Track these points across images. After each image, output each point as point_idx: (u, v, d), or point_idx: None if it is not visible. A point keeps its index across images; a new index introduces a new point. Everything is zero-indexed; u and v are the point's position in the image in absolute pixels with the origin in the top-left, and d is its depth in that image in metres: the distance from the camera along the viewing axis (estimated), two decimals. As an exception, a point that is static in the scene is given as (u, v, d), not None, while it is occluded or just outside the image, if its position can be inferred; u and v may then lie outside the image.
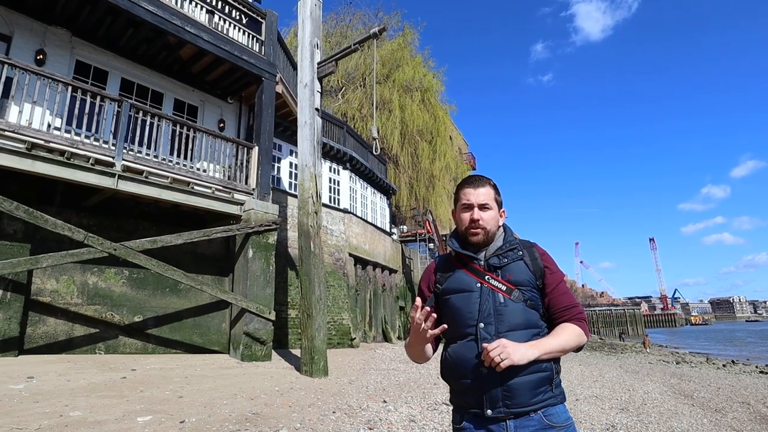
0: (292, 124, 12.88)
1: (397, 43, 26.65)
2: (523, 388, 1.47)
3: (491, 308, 1.54)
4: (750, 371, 15.70)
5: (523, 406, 1.47)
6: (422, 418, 5.59)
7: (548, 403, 1.50)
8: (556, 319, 1.58)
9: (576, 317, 1.56)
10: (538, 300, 1.58)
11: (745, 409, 7.91)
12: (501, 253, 1.62)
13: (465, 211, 1.65)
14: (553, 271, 1.62)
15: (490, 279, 1.58)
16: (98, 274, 8.28)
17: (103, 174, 7.36)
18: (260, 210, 9.54)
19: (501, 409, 1.48)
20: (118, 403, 5.05)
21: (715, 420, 6.84)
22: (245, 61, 9.90)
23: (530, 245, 1.67)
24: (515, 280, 1.57)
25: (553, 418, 1.50)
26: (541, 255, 1.64)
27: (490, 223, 1.63)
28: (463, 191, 1.67)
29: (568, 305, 1.58)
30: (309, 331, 8.18)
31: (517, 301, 1.54)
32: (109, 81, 9.07)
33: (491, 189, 1.67)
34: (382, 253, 18.98)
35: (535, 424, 1.48)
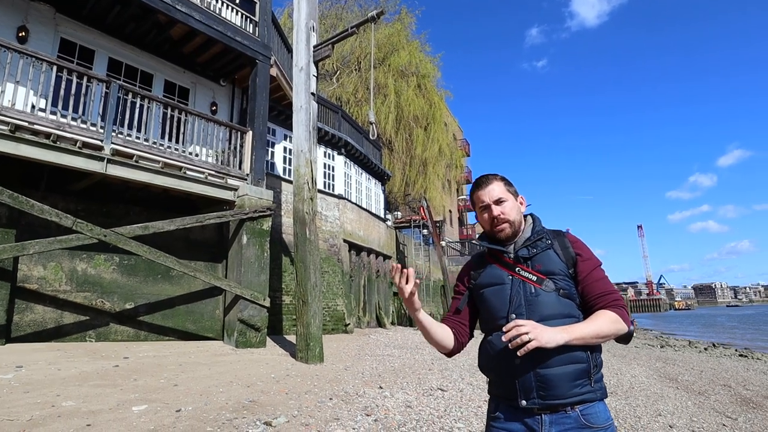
0: (286, 108, 12.65)
1: (394, 28, 26.25)
2: (558, 380, 1.43)
3: (522, 299, 1.53)
4: (730, 354, 16.02)
5: (558, 398, 1.43)
6: (418, 403, 5.57)
7: (586, 397, 1.44)
8: (592, 307, 1.53)
9: (612, 304, 1.50)
10: (572, 289, 1.54)
11: (726, 391, 8.05)
12: (529, 244, 1.61)
13: (484, 212, 1.66)
14: (586, 258, 1.58)
15: (520, 270, 1.57)
16: (87, 260, 8.10)
17: (91, 158, 7.14)
18: (254, 196, 9.38)
19: (535, 400, 1.44)
20: (112, 392, 4.95)
21: (698, 402, 6.95)
22: (239, 43, 9.64)
23: (560, 233, 1.65)
24: (546, 269, 1.55)
25: (592, 418, 1.43)
26: (572, 243, 1.61)
27: (512, 214, 1.63)
28: (476, 195, 1.69)
29: (603, 292, 1.53)
30: (304, 317, 8.10)
31: (548, 291, 1.52)
32: (95, 60, 8.76)
33: (500, 182, 1.67)
34: (377, 239, 18.91)
35: (572, 422, 1.43)
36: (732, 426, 5.59)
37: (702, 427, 5.44)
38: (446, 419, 4.93)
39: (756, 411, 6.49)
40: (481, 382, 7.28)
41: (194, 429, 3.94)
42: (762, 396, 7.66)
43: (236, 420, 4.27)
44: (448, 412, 5.23)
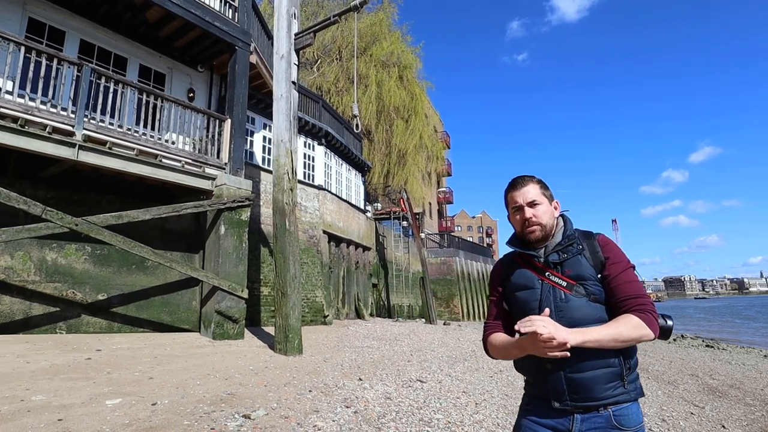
0: (266, 97, 12.42)
1: (376, 17, 26.00)
2: (589, 383, 1.44)
3: (552, 305, 1.53)
4: (697, 345, 16.64)
5: (589, 400, 1.45)
6: (398, 395, 5.59)
7: (619, 399, 1.46)
8: (618, 310, 1.50)
9: (637, 308, 1.47)
10: (602, 294, 1.53)
11: (694, 380, 8.38)
12: (560, 249, 1.60)
13: (516, 213, 1.66)
14: (615, 261, 1.56)
15: (550, 275, 1.57)
16: (57, 250, 7.84)
17: (61, 143, 6.88)
18: (233, 185, 9.21)
19: (567, 403, 1.47)
20: (84, 385, 4.81)
21: (668, 392, 7.22)
22: (217, 28, 9.39)
23: (591, 237, 1.63)
24: (576, 275, 1.54)
25: (623, 420, 1.45)
26: (602, 246, 1.59)
27: (544, 218, 1.62)
28: (510, 195, 1.68)
29: (628, 295, 1.50)
30: (283, 309, 8.02)
31: (579, 297, 1.52)
32: (66, 42, 8.40)
33: (536, 185, 1.66)
34: (356, 231, 18.85)
35: (603, 422, 1.45)
36: (699, 414, 5.79)
37: (671, 416, 5.62)
38: (425, 410, 4.96)
39: (722, 399, 6.76)
40: (460, 373, 7.35)
41: (171, 423, 3.86)
42: (727, 385, 7.96)
43: (214, 413, 4.20)
44: (427, 404, 5.26)
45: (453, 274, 28.46)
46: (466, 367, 7.99)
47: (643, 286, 1.57)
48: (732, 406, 6.41)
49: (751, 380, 8.64)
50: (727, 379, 8.62)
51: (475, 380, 6.93)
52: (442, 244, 31.24)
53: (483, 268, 34.25)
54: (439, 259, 28.64)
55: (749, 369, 10.14)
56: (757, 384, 8.24)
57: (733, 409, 6.22)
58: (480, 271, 33.37)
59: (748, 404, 6.53)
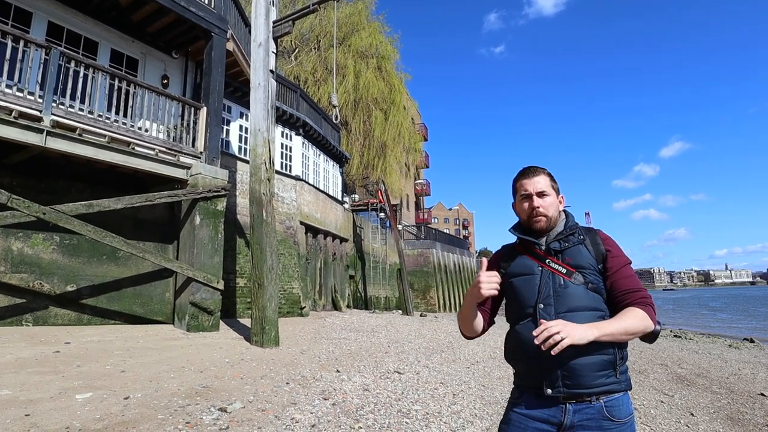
0: (242, 85, 12.18)
1: (355, 7, 25.73)
2: (584, 369, 1.46)
3: (551, 290, 1.56)
4: (665, 335, 17.16)
5: (583, 387, 1.47)
6: (376, 386, 5.62)
7: (611, 388, 1.49)
8: (619, 303, 1.55)
9: (640, 301, 1.53)
10: (600, 284, 1.58)
11: (663, 370, 8.65)
12: (561, 238, 1.65)
13: (524, 201, 1.69)
14: (616, 255, 1.62)
15: (550, 262, 1.61)
16: (24, 239, 7.56)
17: (28, 129, 6.61)
18: (208, 175, 9.03)
19: (560, 389, 1.48)
20: (53, 379, 4.68)
21: (639, 381, 7.43)
22: (193, 13, 9.13)
23: (592, 231, 1.69)
24: (576, 263, 1.59)
25: (615, 411, 1.48)
26: (603, 240, 1.65)
27: (550, 210, 1.66)
28: (520, 182, 1.71)
29: (631, 288, 1.56)
30: (260, 300, 7.95)
31: (577, 284, 1.56)
32: (33, 23, 8.03)
33: (546, 177, 1.70)
34: (334, 222, 18.77)
35: (595, 413, 1.47)
36: (669, 402, 5.99)
37: (642, 405, 5.79)
38: (404, 402, 4.99)
39: (690, 388, 7.00)
40: (437, 364, 7.41)
41: (144, 417, 3.79)
42: (695, 374, 8.26)
43: (189, 407, 4.15)
44: (405, 395, 5.30)
45: (430, 266, 28.67)
46: (443, 358, 8.07)
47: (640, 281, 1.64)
48: (700, 394, 6.63)
49: (717, 369, 8.96)
50: (694, 368, 8.93)
51: (452, 371, 7.01)
52: (419, 235, 31.39)
53: (459, 260, 34.60)
54: (416, 251, 28.79)
55: (715, 358, 10.51)
56: (722, 372, 8.55)
57: (701, 397, 6.44)
58: (456, 263, 33.70)
59: (714, 392, 6.78)
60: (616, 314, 1.53)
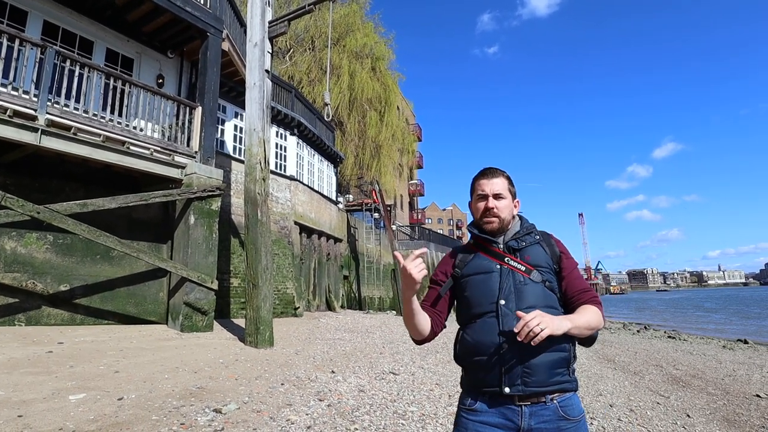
0: (237, 85, 12.16)
1: (350, 8, 25.71)
2: (542, 367, 1.48)
3: (511, 286, 1.58)
4: (660, 336, 17.24)
5: (540, 385, 1.48)
6: (371, 387, 5.62)
7: (564, 387, 1.51)
8: (574, 302, 1.61)
9: (593, 300, 1.59)
10: (555, 283, 1.63)
11: (659, 371, 8.66)
12: (519, 237, 1.68)
13: (480, 200, 1.71)
14: (569, 257, 1.69)
15: (509, 260, 1.63)
16: (17, 238, 7.51)
17: (23, 128, 6.57)
18: (203, 174, 9.00)
19: (519, 387, 1.47)
20: (46, 380, 4.66)
21: (634, 382, 7.43)
22: (188, 13, 9.11)
23: (546, 234, 1.75)
24: (534, 261, 1.63)
25: (569, 410, 1.50)
26: (556, 242, 1.72)
27: (504, 212, 1.69)
28: (478, 182, 1.73)
29: (584, 289, 1.63)
30: (254, 301, 7.94)
31: (536, 282, 1.59)
32: (29, 22, 7.99)
33: (505, 180, 1.72)
34: (328, 222, 18.75)
35: (550, 414, 1.48)
36: (665, 404, 6.01)
37: (639, 406, 5.81)
38: (399, 403, 5.00)
39: (685, 389, 7.02)
40: (432, 365, 7.43)
41: (138, 418, 3.78)
42: (690, 375, 8.28)
43: (184, 408, 4.14)
44: (401, 396, 5.30)
45: (424, 267, 28.68)
46: (438, 359, 8.08)
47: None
48: (695, 395, 6.62)
49: (712, 370, 8.96)
50: (689, 369, 8.92)
51: (447, 372, 7.00)
52: (413, 236, 31.42)
53: (453, 261, 34.59)
54: (410, 251, 28.67)
55: (710, 359, 10.51)
56: (717, 374, 8.54)
57: (697, 398, 6.43)
58: (450, 264, 33.70)
59: (710, 393, 6.78)
60: (573, 312, 1.57)
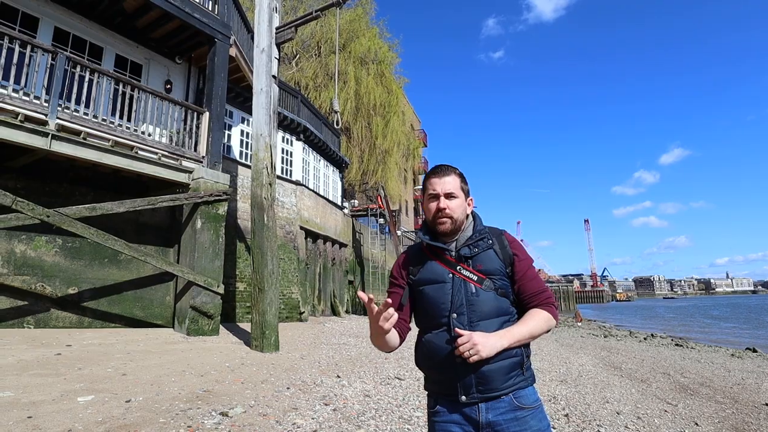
0: (244, 90, 12.27)
1: (355, 13, 25.89)
2: (495, 375, 1.50)
3: (463, 298, 1.56)
4: (667, 344, 17.01)
5: (495, 390, 1.50)
6: (376, 392, 5.62)
7: (519, 386, 1.53)
8: (526, 305, 1.60)
9: (544, 302, 1.59)
10: (508, 287, 1.60)
11: (666, 379, 8.55)
12: (471, 243, 1.62)
13: (431, 200, 1.66)
14: (522, 258, 1.63)
15: (461, 269, 1.60)
16: (27, 242, 7.60)
17: (34, 132, 6.67)
18: (210, 179, 9.08)
19: (474, 395, 1.50)
20: (55, 381, 4.70)
21: (641, 390, 7.34)
22: (197, 20, 9.22)
23: (499, 233, 1.69)
24: (486, 269, 1.59)
25: (523, 399, 1.53)
26: (510, 242, 1.66)
27: (457, 212, 1.63)
28: (430, 181, 1.67)
29: (536, 291, 1.60)
30: (260, 305, 7.97)
31: (488, 290, 1.56)
32: (40, 29, 8.12)
33: (457, 178, 1.67)
34: (333, 227, 18.80)
35: (505, 406, 1.51)
36: (673, 412, 5.93)
37: (646, 413, 5.73)
38: (405, 408, 4.99)
39: (693, 397, 6.92)
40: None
41: (146, 420, 3.81)
42: (698, 383, 8.18)
43: (190, 410, 4.16)
44: (406, 401, 5.30)
45: (429, 272, 28.60)
46: (442, 364, 8.06)
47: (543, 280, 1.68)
48: (703, 403, 6.52)
49: (720, 378, 8.82)
50: (697, 377, 8.78)
51: (452, 377, 6.98)
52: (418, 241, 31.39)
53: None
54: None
55: (718, 367, 10.36)
56: (726, 382, 8.40)
57: (705, 406, 6.34)
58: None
59: (718, 402, 6.67)
60: (523, 316, 1.58)
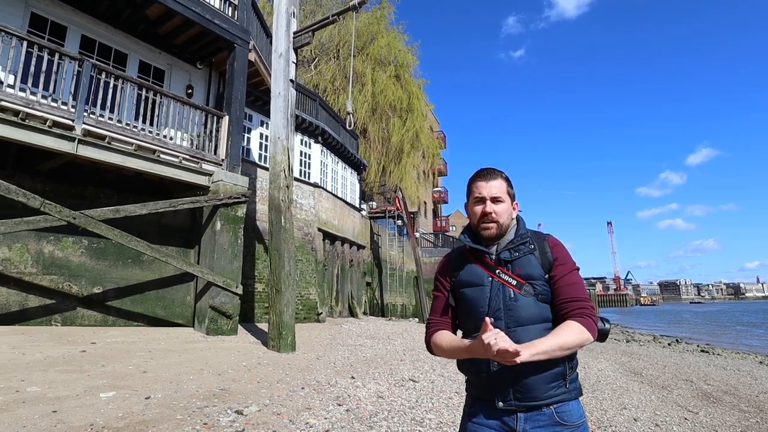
0: (263, 94, 12.47)
1: (373, 16, 26.03)
2: (534, 384, 1.46)
3: (501, 303, 1.53)
4: (692, 350, 16.54)
5: (534, 400, 1.47)
6: (390, 394, 5.65)
7: (561, 398, 1.49)
8: (560, 312, 1.53)
9: (578, 312, 1.49)
10: (548, 294, 1.55)
11: (688, 386, 8.31)
12: (512, 247, 1.59)
13: (477, 204, 1.62)
14: (562, 263, 1.58)
15: (500, 273, 1.56)
16: (54, 242, 7.88)
17: (61, 137, 6.93)
18: (229, 182, 9.26)
19: (512, 402, 1.48)
20: (79, 378, 4.87)
21: (661, 396, 7.15)
22: (217, 26, 9.43)
23: (542, 237, 1.64)
24: (525, 274, 1.55)
25: (565, 416, 1.49)
26: (552, 247, 1.60)
27: (503, 216, 1.60)
28: (475, 184, 1.64)
29: (572, 297, 1.52)
30: (277, 306, 8.10)
31: (527, 296, 1.52)
32: (68, 37, 8.43)
33: (503, 181, 1.63)
34: (351, 229, 18.92)
35: (546, 419, 1.47)
36: (693, 420, 5.76)
37: (665, 421, 5.60)
38: (417, 410, 5.02)
39: (716, 405, 6.70)
40: (452, 373, 7.43)
41: (164, 417, 3.92)
42: (722, 391, 7.91)
43: (207, 408, 4.27)
44: (419, 403, 5.32)
45: (447, 274, 28.49)
46: (458, 367, 8.04)
47: (586, 289, 1.58)
48: (726, 412, 6.33)
49: (746, 386, 8.53)
50: (721, 385, 8.50)
51: (467, 381, 6.96)
52: (437, 243, 31.34)
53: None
54: (433, 259, 28.73)
55: (744, 375, 10.02)
56: (752, 390, 8.13)
57: (728, 415, 6.15)
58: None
59: (742, 410, 6.46)
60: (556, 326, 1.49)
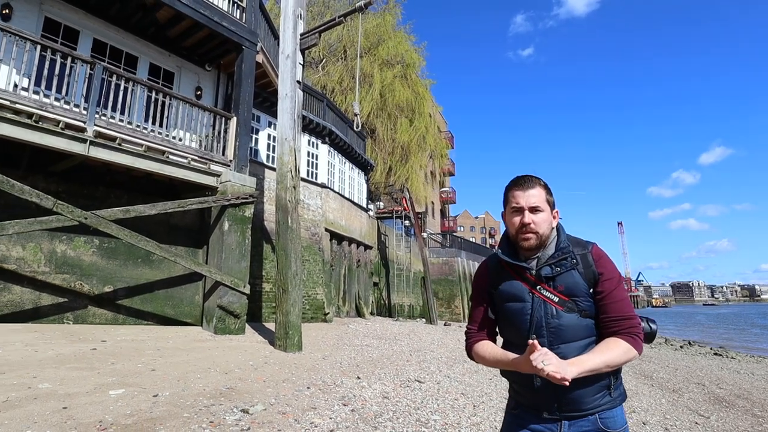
0: (271, 95, 12.56)
1: (381, 17, 26.07)
2: (579, 397, 1.47)
3: (543, 320, 1.49)
4: (705, 353, 16.33)
5: (578, 411, 1.48)
6: (395, 395, 5.66)
7: (605, 407, 1.49)
8: (606, 329, 1.49)
9: (626, 331, 1.46)
10: (592, 309, 1.51)
11: (700, 389, 8.22)
12: (553, 263, 1.52)
13: (515, 214, 1.55)
14: (609, 277, 1.52)
15: (541, 290, 1.51)
16: (67, 242, 8.02)
17: (73, 139, 7.05)
18: (237, 182, 9.35)
19: (556, 413, 1.49)
20: (89, 375, 4.96)
21: (672, 400, 7.09)
22: (225, 28, 9.53)
23: (585, 249, 1.55)
24: (568, 290, 1.49)
25: (609, 422, 1.48)
26: (596, 260, 1.53)
27: (543, 227, 1.53)
28: (512, 193, 1.57)
29: (620, 316, 1.48)
30: (284, 306, 8.16)
31: (570, 312, 1.48)
32: (80, 41, 8.58)
33: (542, 190, 1.56)
34: (358, 229, 18.97)
35: (589, 425, 1.48)
36: (704, 424, 5.69)
37: (675, 425, 5.53)
38: (423, 411, 5.03)
39: (728, 410, 6.61)
40: (458, 375, 7.43)
41: (171, 414, 3.98)
42: (734, 395, 7.78)
43: (213, 407, 4.32)
44: (424, 404, 5.33)
45: (455, 275, 28.53)
46: (465, 368, 8.05)
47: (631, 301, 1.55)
48: (739, 416, 6.27)
49: (760, 391, 8.44)
50: (734, 389, 8.43)
51: (474, 382, 6.95)
52: (444, 244, 31.29)
53: (485, 270, 34.15)
54: (440, 259, 28.72)
55: (758, 379, 9.91)
56: (766, 395, 8.06)
57: (740, 420, 6.08)
58: (481, 272, 33.29)
59: (755, 415, 6.39)
60: (601, 342, 1.48)
